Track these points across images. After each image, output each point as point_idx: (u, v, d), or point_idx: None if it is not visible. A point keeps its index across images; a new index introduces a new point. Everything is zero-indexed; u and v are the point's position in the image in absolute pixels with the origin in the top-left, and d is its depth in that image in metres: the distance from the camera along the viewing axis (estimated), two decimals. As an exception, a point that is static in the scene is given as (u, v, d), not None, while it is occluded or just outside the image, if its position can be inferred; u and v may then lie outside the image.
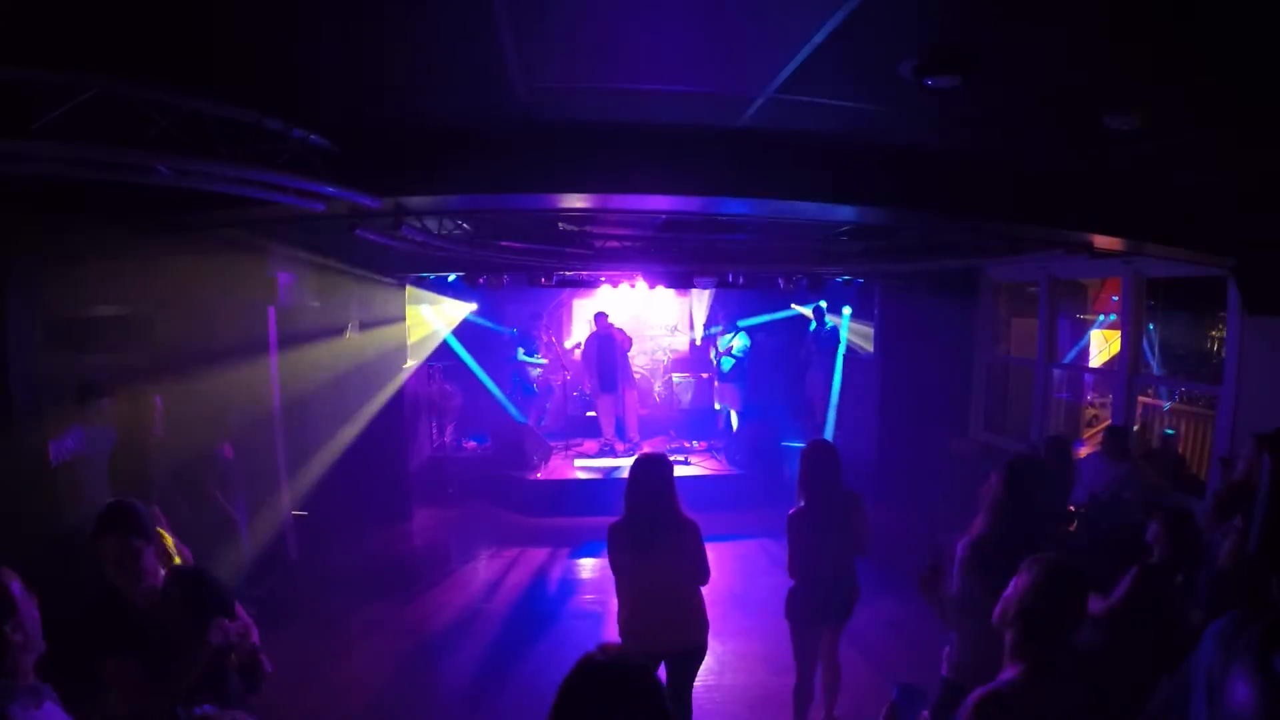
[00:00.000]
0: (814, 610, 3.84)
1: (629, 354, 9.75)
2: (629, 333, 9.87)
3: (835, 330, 9.86)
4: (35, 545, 3.38)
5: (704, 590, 3.54)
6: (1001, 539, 3.01)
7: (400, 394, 7.98)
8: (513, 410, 10.09)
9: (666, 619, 3.42)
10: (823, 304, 9.98)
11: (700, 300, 11.32)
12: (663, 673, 3.43)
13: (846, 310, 9.86)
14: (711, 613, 3.59)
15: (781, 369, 10.77)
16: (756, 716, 4.40)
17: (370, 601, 5.85)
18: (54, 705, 1.87)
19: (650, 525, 3.37)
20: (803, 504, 3.78)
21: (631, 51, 2.73)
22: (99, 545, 2.43)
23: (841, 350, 9.72)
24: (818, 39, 2.45)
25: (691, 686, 3.56)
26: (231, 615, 2.62)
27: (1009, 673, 2.03)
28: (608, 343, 9.52)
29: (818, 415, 10.21)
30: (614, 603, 3.53)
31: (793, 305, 10.53)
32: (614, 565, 3.45)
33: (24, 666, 1.83)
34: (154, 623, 2.44)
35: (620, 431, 9.64)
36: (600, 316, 9.68)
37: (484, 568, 7.10)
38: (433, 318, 9.59)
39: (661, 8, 2.38)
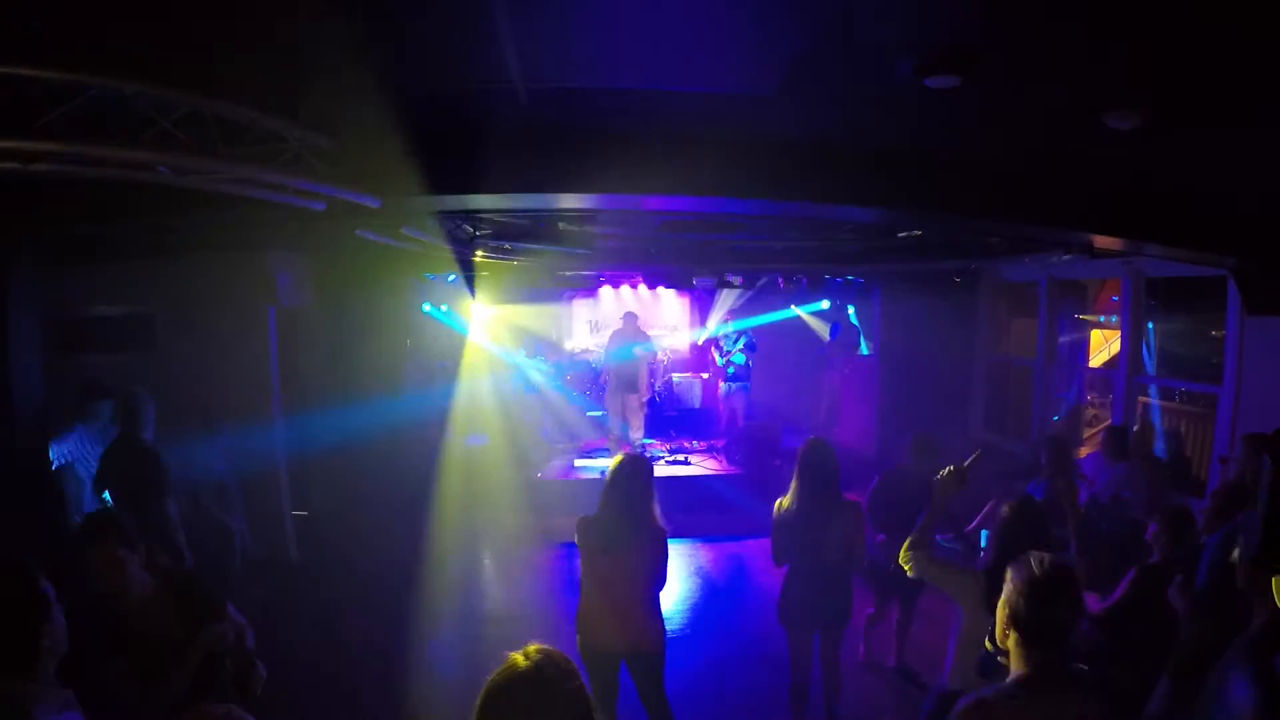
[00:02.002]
0: (805, 613, 3.82)
1: (649, 361, 9.80)
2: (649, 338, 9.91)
3: (855, 330, 9.88)
4: (36, 548, 3.37)
5: (701, 589, 3.53)
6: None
7: (401, 394, 7.98)
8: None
9: (621, 620, 3.40)
10: (825, 304, 10.01)
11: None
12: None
13: (849, 310, 9.89)
14: (709, 612, 3.59)
15: (788, 368, 10.79)
16: (754, 717, 4.40)
17: (370, 601, 5.85)
18: (75, 715, 1.86)
19: (622, 526, 3.36)
20: (791, 496, 3.75)
21: (632, 51, 2.73)
22: (83, 557, 2.41)
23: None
24: (816, 39, 2.45)
25: (660, 687, 3.54)
26: (223, 618, 2.58)
27: (1010, 679, 1.93)
28: (631, 345, 9.56)
29: (829, 415, 10.23)
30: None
31: (793, 307, 10.56)
32: (581, 557, 3.46)
33: (49, 671, 1.83)
34: (143, 630, 2.41)
35: (625, 432, 9.67)
36: (629, 317, 9.67)
37: (484, 567, 7.10)
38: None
39: (661, 8, 2.39)
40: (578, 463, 9.18)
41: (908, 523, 3.13)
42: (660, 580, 3.46)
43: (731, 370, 9.97)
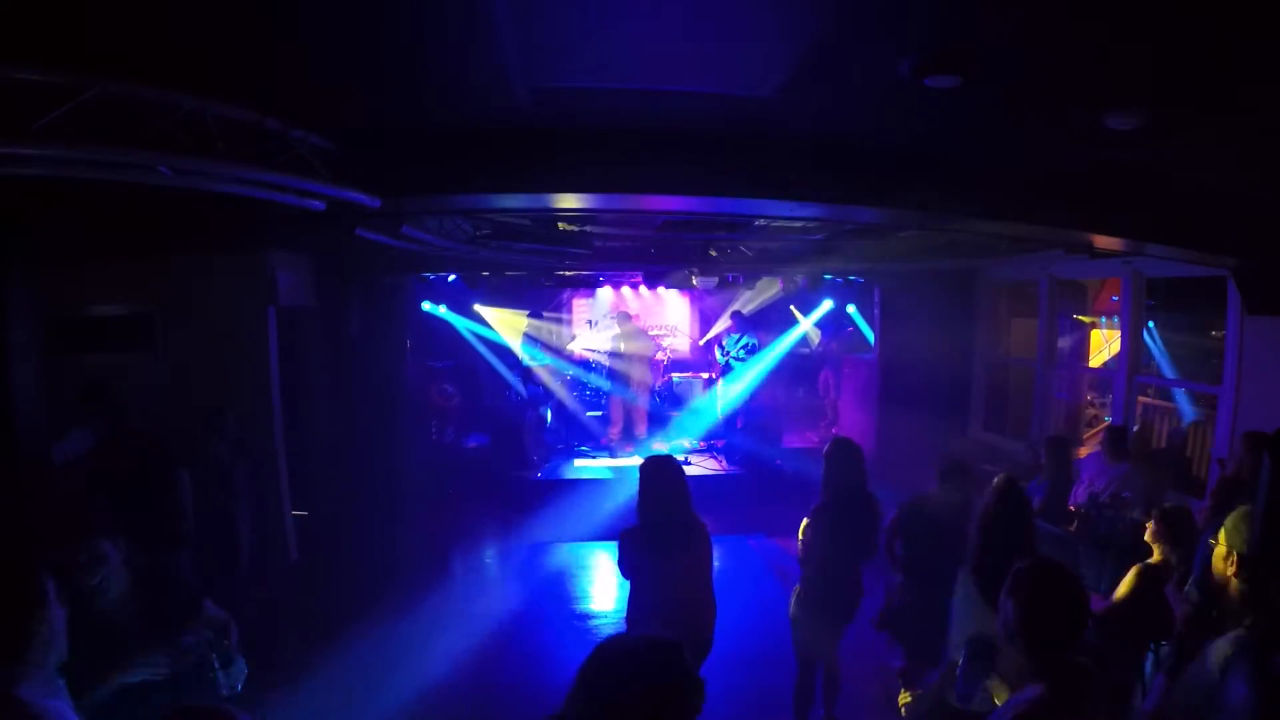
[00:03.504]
0: (820, 610, 3.82)
1: (648, 358, 9.88)
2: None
3: (857, 329, 9.89)
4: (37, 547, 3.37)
5: None
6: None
7: (401, 394, 7.98)
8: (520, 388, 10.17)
9: (684, 620, 3.38)
10: (828, 304, 10.02)
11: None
12: None
13: (851, 308, 9.89)
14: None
15: (786, 368, 10.79)
16: (755, 716, 4.40)
17: (370, 602, 5.85)
18: (66, 705, 1.87)
19: (669, 529, 3.34)
20: (823, 502, 3.76)
21: (631, 52, 2.73)
22: (63, 554, 2.39)
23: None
24: (817, 38, 2.45)
25: None
26: (199, 616, 2.58)
27: (1030, 692, 1.86)
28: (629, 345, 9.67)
29: (830, 415, 10.24)
30: (615, 603, 3.51)
31: (792, 308, 10.58)
32: (630, 571, 3.40)
33: (45, 663, 1.85)
34: (121, 628, 2.40)
35: (628, 431, 9.70)
36: (622, 316, 9.85)
37: (485, 568, 7.10)
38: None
39: (661, 8, 2.39)
40: (578, 463, 9.18)
41: (935, 566, 3.01)
42: (712, 571, 3.47)
43: (734, 369, 9.98)
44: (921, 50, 2.49)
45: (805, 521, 3.80)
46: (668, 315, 11.71)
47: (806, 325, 10.56)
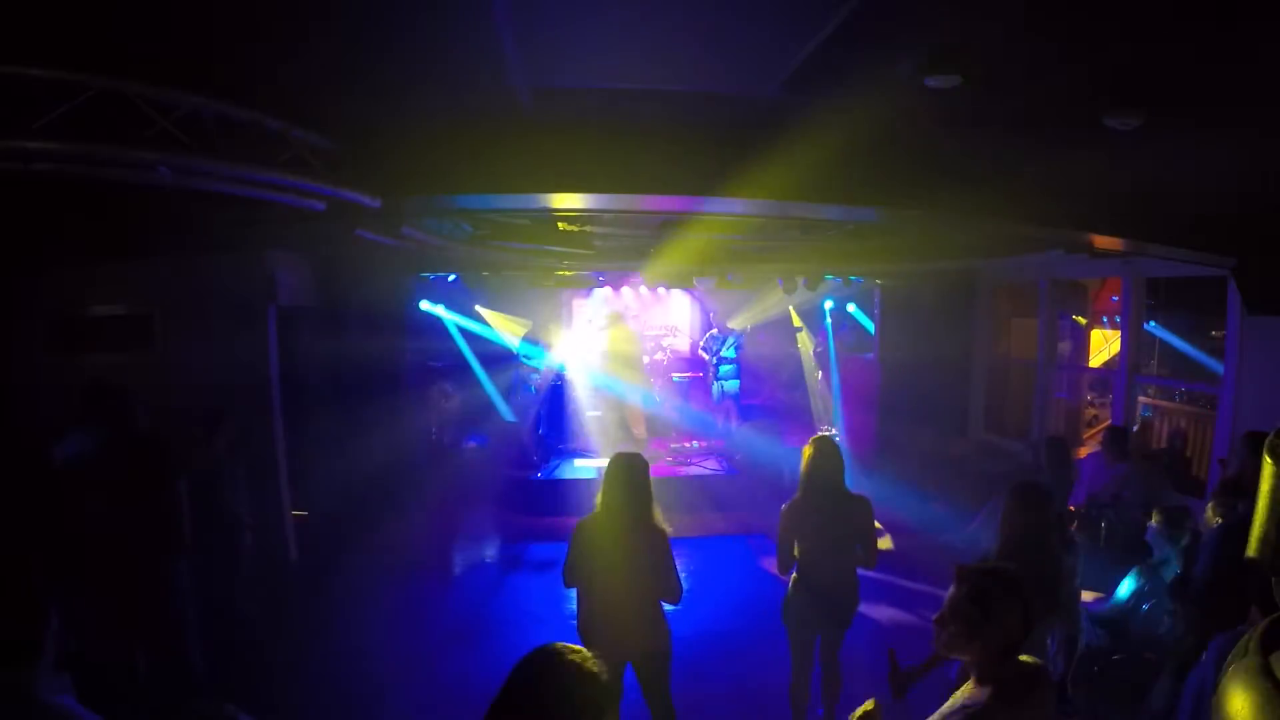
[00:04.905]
0: (810, 614, 3.78)
1: (640, 359, 9.93)
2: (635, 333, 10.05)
3: (859, 328, 9.89)
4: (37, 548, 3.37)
5: (700, 590, 3.48)
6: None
7: (401, 394, 7.98)
8: (505, 411, 10.12)
9: (625, 624, 3.30)
10: (828, 304, 10.03)
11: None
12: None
13: (851, 306, 9.89)
14: (708, 612, 3.56)
15: (782, 369, 10.79)
16: (754, 715, 4.39)
17: (369, 602, 5.85)
18: (71, 698, 1.90)
19: (620, 527, 3.27)
20: (799, 499, 3.71)
21: (632, 52, 2.73)
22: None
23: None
24: (817, 39, 2.45)
25: (666, 687, 3.47)
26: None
27: (978, 694, 1.86)
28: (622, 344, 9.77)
29: (827, 413, 10.25)
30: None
31: (791, 309, 10.58)
32: (577, 563, 3.34)
33: (49, 660, 1.88)
34: None
35: (628, 431, 9.71)
36: (614, 317, 9.91)
37: (484, 569, 7.10)
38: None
39: (662, 9, 2.39)
40: (578, 463, 9.18)
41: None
42: (669, 585, 3.33)
43: (726, 369, 9.99)
44: (921, 51, 2.49)
45: (784, 508, 3.74)
46: (668, 315, 11.72)
47: (798, 320, 10.55)
